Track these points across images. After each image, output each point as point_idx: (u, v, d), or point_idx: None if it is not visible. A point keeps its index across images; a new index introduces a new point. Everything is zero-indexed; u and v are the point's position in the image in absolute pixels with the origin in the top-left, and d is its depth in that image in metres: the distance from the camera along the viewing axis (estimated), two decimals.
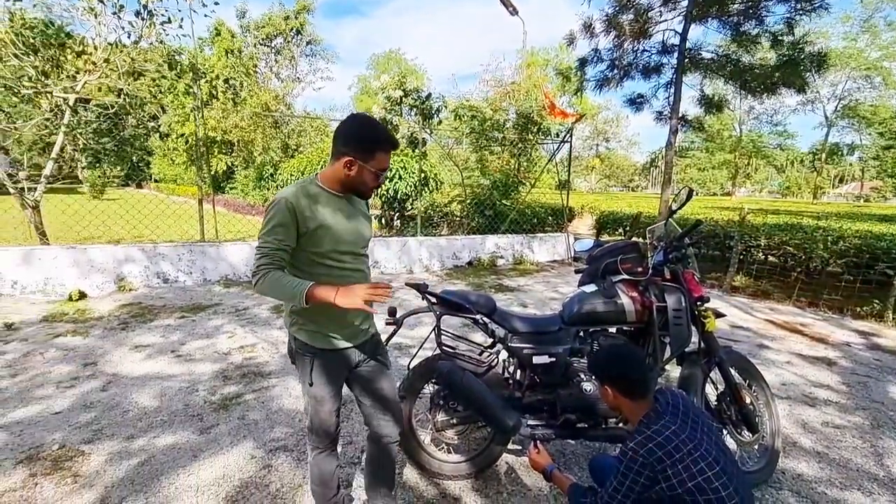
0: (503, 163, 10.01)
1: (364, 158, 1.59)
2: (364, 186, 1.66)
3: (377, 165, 1.61)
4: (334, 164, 1.61)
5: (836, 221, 10.65)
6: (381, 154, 1.61)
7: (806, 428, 2.96)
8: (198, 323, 4.73)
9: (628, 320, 2.34)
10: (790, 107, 37.82)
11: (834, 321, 5.51)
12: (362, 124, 1.62)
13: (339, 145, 1.60)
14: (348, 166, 1.59)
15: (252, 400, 3.14)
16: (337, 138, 1.61)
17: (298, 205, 1.55)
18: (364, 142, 1.59)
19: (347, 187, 1.66)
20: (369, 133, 1.61)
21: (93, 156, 19.21)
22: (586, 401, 2.29)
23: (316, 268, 1.63)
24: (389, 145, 1.64)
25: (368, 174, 1.62)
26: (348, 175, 1.60)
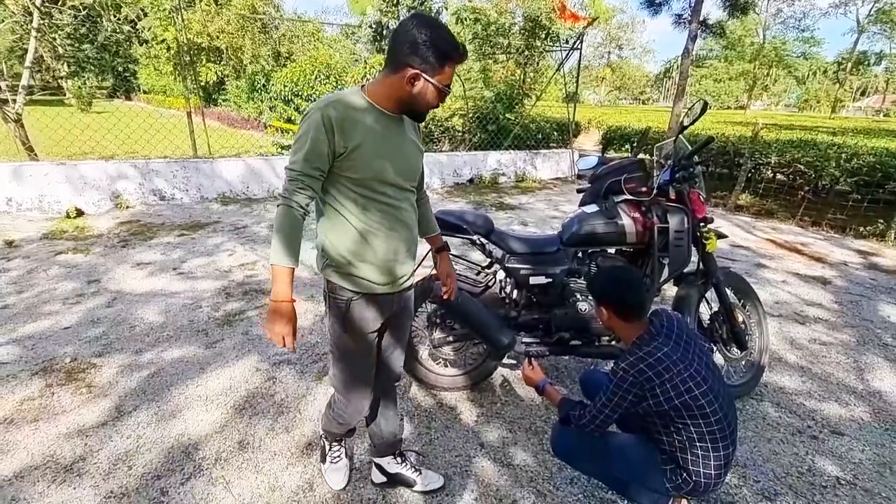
0: (508, 73, 9.40)
1: (432, 72, 1.29)
2: (425, 106, 1.37)
3: (445, 81, 1.33)
4: (391, 76, 1.31)
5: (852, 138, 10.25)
6: (450, 67, 1.33)
7: (793, 344, 3.05)
8: (197, 241, 4.73)
9: (628, 241, 2.30)
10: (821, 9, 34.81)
11: (835, 241, 5.49)
12: (435, 28, 1.27)
13: (403, 55, 1.27)
14: (412, 81, 1.28)
15: (254, 316, 3.22)
16: (399, 45, 1.27)
17: (337, 118, 1.28)
18: (438, 52, 1.27)
19: (404, 106, 1.37)
20: (444, 41, 1.28)
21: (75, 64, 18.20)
22: (581, 320, 2.32)
23: (348, 198, 1.37)
24: (462, 56, 1.35)
25: (433, 92, 1.33)
26: (409, 92, 1.31)
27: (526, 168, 8.62)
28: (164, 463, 1.94)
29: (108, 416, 2.21)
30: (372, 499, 1.81)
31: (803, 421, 2.32)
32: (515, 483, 1.90)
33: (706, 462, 1.46)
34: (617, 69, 55.14)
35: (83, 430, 2.11)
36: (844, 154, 6.60)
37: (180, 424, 2.17)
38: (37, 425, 2.13)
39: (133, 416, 2.22)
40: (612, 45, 51.28)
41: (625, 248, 2.37)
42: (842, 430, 2.26)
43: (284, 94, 12.22)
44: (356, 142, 1.31)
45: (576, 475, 1.92)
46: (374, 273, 1.45)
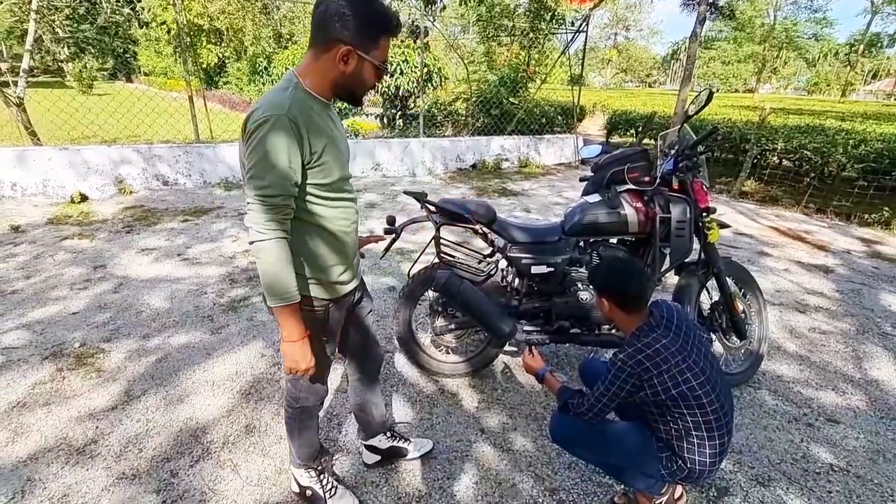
0: (512, 55, 9.27)
1: (366, 47, 1.18)
2: (363, 87, 1.27)
3: (381, 56, 1.22)
4: (321, 57, 1.18)
5: (861, 123, 10.12)
6: (385, 41, 1.22)
7: (793, 333, 3.07)
8: (201, 226, 4.76)
9: (630, 231, 2.31)
10: None
11: (839, 228, 5.47)
12: (355, 3, 1.14)
13: (332, 30, 1.14)
14: (344, 59, 1.17)
15: (259, 303, 3.25)
16: (327, 20, 1.14)
17: (303, 120, 1.15)
18: (367, 24, 1.16)
19: (340, 89, 1.25)
20: (376, 12, 1.17)
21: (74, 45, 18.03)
22: (581, 309, 2.34)
23: (318, 205, 1.25)
24: (397, 27, 1.23)
25: (370, 69, 1.22)
26: (344, 72, 1.19)
27: (529, 153, 8.57)
28: (174, 446, 2.00)
29: (117, 399, 2.27)
30: (376, 481, 1.86)
31: (799, 409, 2.36)
32: (515, 468, 1.94)
33: (702, 450, 1.49)
34: (623, 51, 54.19)
35: (94, 414, 2.16)
36: (852, 140, 6.53)
37: (188, 408, 2.22)
38: (49, 409, 2.18)
39: (142, 400, 2.27)
40: (619, 25, 50.34)
41: (627, 237, 2.38)
42: (837, 418, 2.30)
43: None
44: (323, 143, 1.20)
45: (574, 460, 1.96)
46: (348, 274, 1.41)
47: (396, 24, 1.22)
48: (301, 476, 1.71)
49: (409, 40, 8.44)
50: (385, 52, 1.24)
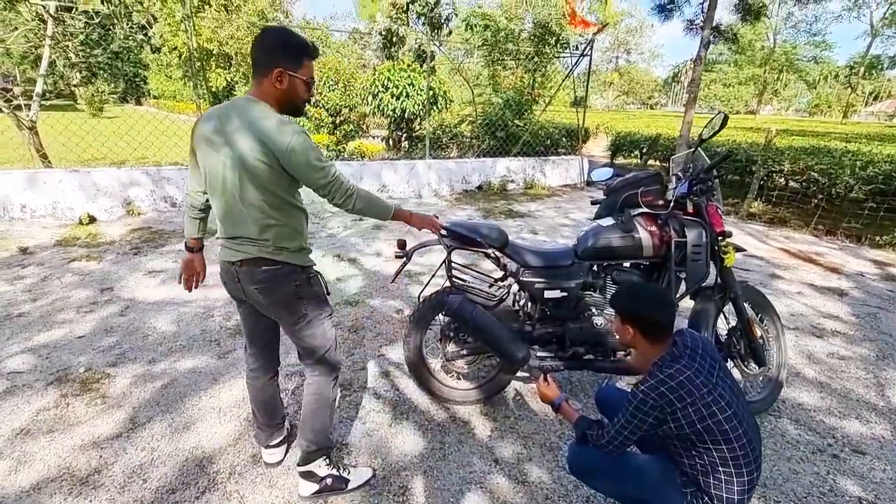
0: (517, 79, 9.40)
1: (293, 68, 1.53)
2: (299, 99, 1.60)
3: (307, 74, 1.58)
4: (264, 81, 1.53)
5: (866, 144, 10.14)
6: (308, 62, 1.58)
7: (811, 359, 3.00)
8: (208, 248, 4.71)
9: (644, 255, 2.28)
10: (833, 13, 34.55)
11: (850, 250, 5.42)
12: (286, 33, 1.58)
13: (269, 59, 1.51)
14: (279, 78, 1.52)
15: None
16: (263, 52, 1.52)
17: None
18: (294, 50, 1.54)
19: (283, 102, 1.57)
20: (296, 42, 1.55)
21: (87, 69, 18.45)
22: (596, 334, 2.30)
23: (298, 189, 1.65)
24: (314, 52, 1.61)
25: (300, 85, 1.57)
26: (281, 89, 1.54)
27: (535, 175, 8.60)
28: (179, 476, 1.94)
29: (122, 427, 2.22)
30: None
31: (823, 439, 2.28)
32: (531, 501, 1.87)
33: (729, 486, 1.43)
34: (625, 73, 55.00)
35: (98, 442, 2.11)
36: (859, 162, 6.52)
37: (194, 437, 2.17)
38: (52, 436, 2.14)
39: (147, 427, 2.22)
40: (621, 49, 51.19)
41: (641, 261, 2.35)
42: (863, 448, 2.22)
43: None
44: None
45: (592, 494, 1.90)
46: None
47: (314, 50, 1.59)
48: (320, 468, 1.85)
49: (415, 64, 8.58)
50: (308, 72, 1.58)
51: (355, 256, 4.63)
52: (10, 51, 6.57)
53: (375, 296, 3.78)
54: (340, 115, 11.97)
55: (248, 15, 14.37)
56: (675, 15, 7.30)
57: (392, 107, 8.42)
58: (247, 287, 1.65)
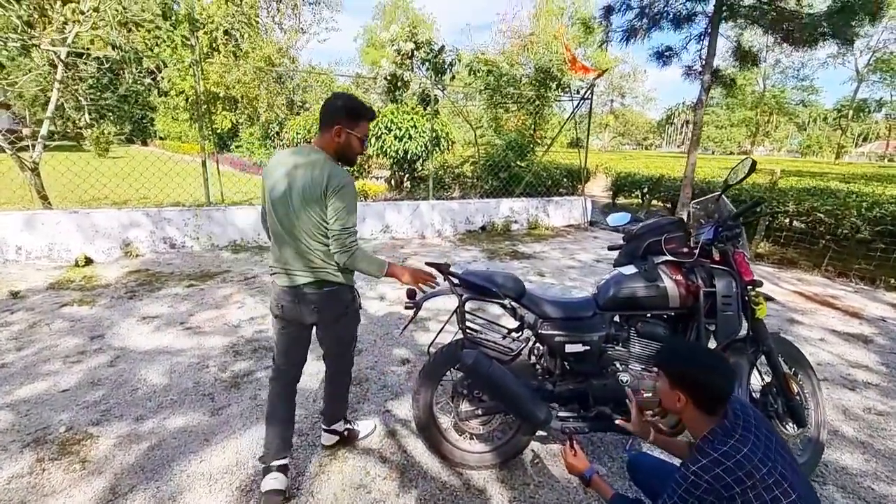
0: (519, 121, 9.54)
1: (351, 126, 1.88)
2: (353, 153, 1.96)
3: (361, 132, 1.93)
4: (326, 134, 1.89)
5: (864, 184, 10.20)
6: (364, 123, 1.93)
7: (847, 415, 2.80)
8: (206, 292, 4.60)
9: (671, 306, 2.13)
10: (819, 60, 35.92)
11: (866, 293, 5.27)
12: (349, 98, 1.94)
13: (332, 117, 1.88)
14: (339, 134, 1.87)
15: (264, 378, 3.02)
16: (328, 111, 1.89)
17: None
18: (353, 112, 1.89)
19: (338, 153, 1.92)
20: (354, 105, 1.91)
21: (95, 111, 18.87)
22: (622, 392, 2.12)
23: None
24: (370, 113, 1.96)
25: (355, 140, 1.92)
26: (338, 142, 1.89)
27: (538, 215, 8.56)
28: None
29: (101, 498, 2.00)
30: None
31: None
32: None
33: None
34: (620, 116, 56.56)
35: None
36: (865, 202, 6.48)
37: None
38: None
39: (128, 498, 2.00)
40: (615, 93, 52.79)
41: (666, 312, 2.20)
42: None
43: (297, 142, 12.48)
44: None
45: None
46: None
47: (369, 113, 1.96)
48: (340, 426, 2.39)
49: (419, 107, 8.70)
50: (363, 130, 1.94)
51: None
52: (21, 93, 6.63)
53: (380, 343, 3.59)
54: None
55: (255, 61, 14.80)
56: (674, 61, 7.44)
57: (395, 148, 8.47)
58: (305, 307, 1.96)
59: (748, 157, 2.12)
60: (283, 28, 17.95)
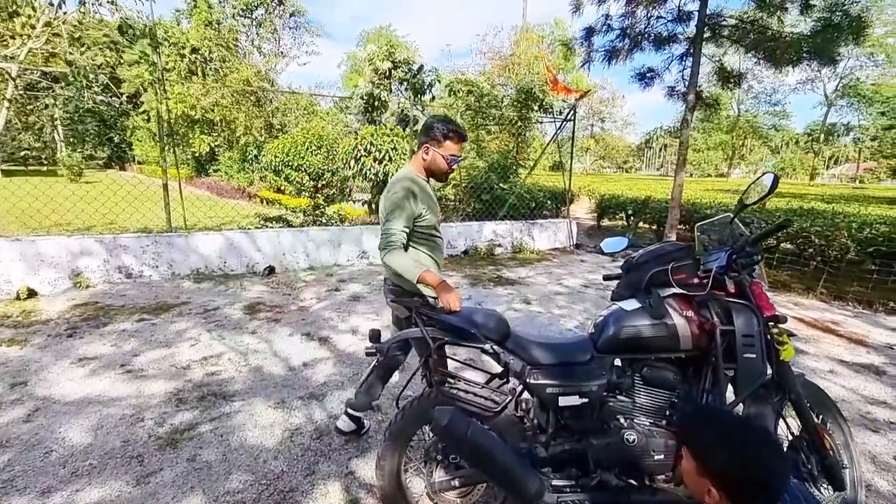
0: (501, 143, 9.36)
1: (437, 145, 2.12)
2: (439, 171, 2.18)
3: (447, 151, 2.12)
4: (417, 152, 2.20)
5: (846, 205, 10.24)
6: (450, 142, 2.13)
7: (877, 463, 2.47)
8: (158, 327, 4.14)
9: (682, 347, 1.80)
10: (790, 85, 37.23)
11: (866, 318, 5.04)
12: (442, 119, 2.17)
13: (422, 136, 2.16)
14: (426, 151, 2.14)
15: (208, 432, 2.59)
16: (422, 131, 2.16)
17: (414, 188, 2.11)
18: (439, 131, 2.11)
19: (427, 171, 2.20)
20: (443, 125, 2.12)
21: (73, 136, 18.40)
22: (628, 453, 1.76)
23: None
24: (458, 135, 2.15)
25: (440, 159, 2.12)
26: (426, 159, 2.15)
27: (523, 238, 8.28)
28: None
29: None
30: None
31: None
32: None
33: None
34: (600, 140, 57.61)
35: None
36: (855, 223, 6.35)
37: None
38: None
39: None
40: (595, 118, 53.85)
41: (675, 355, 1.86)
42: None
43: (275, 165, 12.13)
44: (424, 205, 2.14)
45: None
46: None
47: (457, 135, 2.14)
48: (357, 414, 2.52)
49: (398, 129, 8.46)
50: (451, 150, 2.13)
51: (327, 335, 4.06)
52: None
53: (348, 385, 3.18)
54: (322, 178, 11.77)
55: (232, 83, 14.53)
56: (656, 82, 7.36)
57: (374, 170, 8.18)
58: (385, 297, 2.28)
59: (768, 173, 1.83)
60: (262, 52, 17.78)
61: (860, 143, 45.77)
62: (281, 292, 5.33)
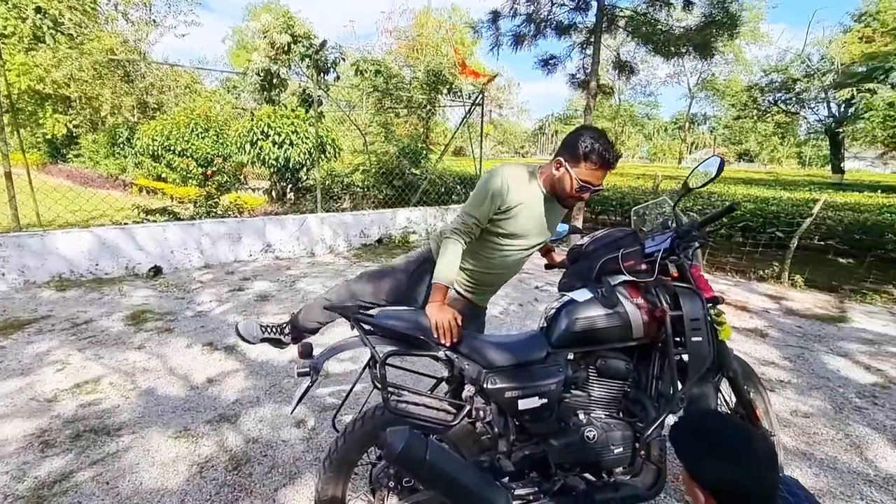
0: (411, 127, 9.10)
1: (572, 164, 1.75)
2: (564, 191, 1.80)
3: (580, 175, 1.75)
4: (552, 162, 1.82)
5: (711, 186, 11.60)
6: (587, 166, 1.74)
7: (780, 421, 2.73)
8: (9, 350, 3.34)
9: (634, 336, 1.76)
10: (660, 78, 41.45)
11: (744, 286, 5.70)
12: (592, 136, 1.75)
13: (562, 150, 1.79)
14: (557, 165, 1.78)
15: (88, 481, 2.09)
16: (564, 145, 1.78)
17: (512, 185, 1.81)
18: (579, 151, 1.72)
19: (551, 187, 1.84)
20: (588, 145, 1.72)
21: None
22: (589, 451, 1.69)
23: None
24: (600, 161, 1.74)
25: (569, 179, 1.76)
26: (553, 175, 1.81)
27: (437, 224, 8.17)
28: None
29: None
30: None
31: None
32: None
33: None
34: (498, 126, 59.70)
35: None
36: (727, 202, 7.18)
37: None
38: None
39: None
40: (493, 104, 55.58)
41: (627, 344, 1.82)
42: None
43: (153, 150, 10.66)
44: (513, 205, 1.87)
45: None
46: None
47: (600, 159, 1.73)
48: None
49: (300, 110, 7.81)
50: (584, 175, 1.75)
51: (235, 342, 3.58)
52: None
53: (265, 402, 2.80)
54: (213, 165, 10.61)
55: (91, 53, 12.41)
56: (558, 69, 7.60)
57: (274, 155, 7.48)
58: None
59: (714, 156, 1.84)
60: (130, 19, 15.42)
61: (714, 131, 52.72)
62: (172, 296, 4.64)
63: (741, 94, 28.28)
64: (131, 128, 13.94)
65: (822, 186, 14.89)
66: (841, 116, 21.82)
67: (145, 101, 15.07)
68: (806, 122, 26.56)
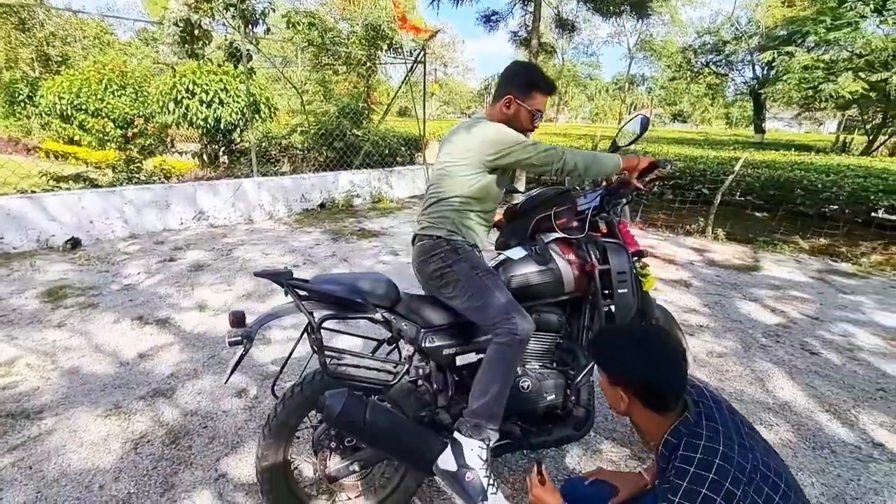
0: (351, 85, 8.71)
1: (522, 98, 1.75)
2: (521, 127, 1.78)
3: (533, 106, 1.76)
4: (496, 104, 1.79)
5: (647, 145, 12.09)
6: (537, 95, 1.76)
7: (697, 361, 3.01)
8: None
9: (566, 291, 1.84)
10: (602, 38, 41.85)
11: (672, 240, 6.08)
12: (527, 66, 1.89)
13: (503, 86, 1.78)
14: (507, 105, 1.76)
15: (8, 467, 1.97)
16: (502, 80, 1.80)
17: None
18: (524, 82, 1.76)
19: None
20: (528, 73, 1.79)
21: None
22: (525, 400, 1.79)
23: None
24: (547, 87, 1.78)
25: (525, 113, 1.76)
26: (507, 114, 1.76)
27: (381, 187, 8.03)
28: None
29: None
30: None
31: None
32: None
33: None
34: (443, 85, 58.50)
35: None
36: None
37: None
38: None
39: None
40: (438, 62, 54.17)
41: (560, 299, 1.91)
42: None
43: (61, 108, 9.58)
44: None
45: None
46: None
47: (547, 85, 1.79)
48: (471, 449, 1.48)
49: (227, 65, 7.24)
50: (537, 104, 1.78)
51: (168, 315, 3.42)
52: None
53: (203, 374, 2.72)
54: (133, 126, 9.75)
55: None
56: (500, 26, 7.47)
57: (202, 115, 6.96)
58: None
59: (639, 114, 1.90)
60: None
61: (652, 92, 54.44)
62: (94, 269, 4.31)
63: (676, 56, 29.19)
64: (32, 84, 12.42)
65: (746, 145, 15.87)
66: (763, 78, 23.10)
67: (46, 53, 13.41)
68: (734, 83, 27.92)
